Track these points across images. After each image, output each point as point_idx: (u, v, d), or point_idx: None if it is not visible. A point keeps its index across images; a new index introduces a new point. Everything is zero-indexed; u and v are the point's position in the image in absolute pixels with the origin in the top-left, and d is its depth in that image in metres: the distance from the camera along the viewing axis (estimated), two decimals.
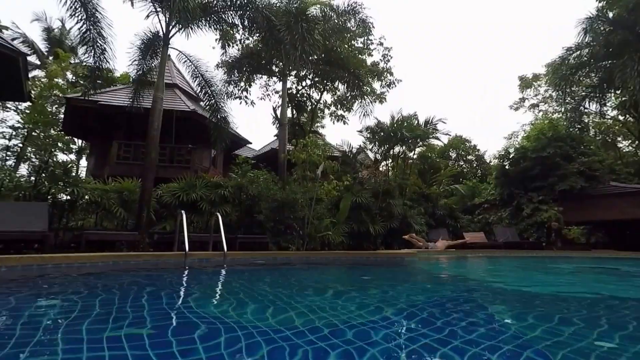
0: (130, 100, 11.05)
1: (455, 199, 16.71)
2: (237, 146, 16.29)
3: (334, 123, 18.59)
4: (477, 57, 68.74)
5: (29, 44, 18.46)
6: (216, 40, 14.18)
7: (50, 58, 18.36)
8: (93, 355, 1.47)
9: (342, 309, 2.55)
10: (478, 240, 11.77)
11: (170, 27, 9.65)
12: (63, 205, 7.46)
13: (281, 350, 1.51)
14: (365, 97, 14.39)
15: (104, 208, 7.69)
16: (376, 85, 17.20)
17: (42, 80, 16.27)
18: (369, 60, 17.16)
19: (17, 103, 15.64)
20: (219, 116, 11.19)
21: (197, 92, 12.35)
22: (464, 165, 28.85)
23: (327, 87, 17.13)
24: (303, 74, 16.32)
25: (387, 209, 10.36)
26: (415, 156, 13.94)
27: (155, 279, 3.99)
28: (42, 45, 19.60)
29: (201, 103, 15.91)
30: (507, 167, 15.41)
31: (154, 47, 10.57)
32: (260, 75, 16.16)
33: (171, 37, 9.72)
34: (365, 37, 16.37)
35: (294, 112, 17.33)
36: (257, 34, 13.10)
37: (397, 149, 12.90)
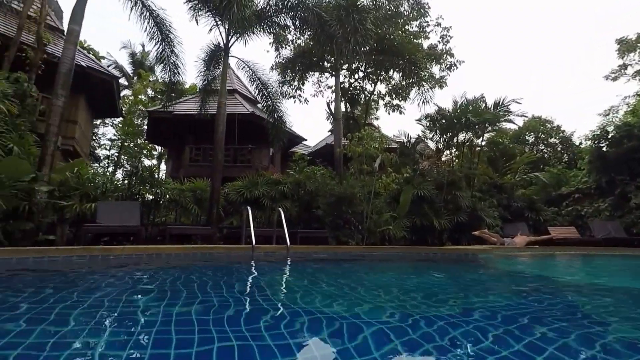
0: (198, 108, 12.31)
1: (536, 189, 14.88)
2: (293, 144, 16.94)
3: (389, 114, 18.09)
4: (557, 25, 59.84)
5: (119, 68, 21.73)
6: (270, 43, 14.91)
7: (135, 78, 21.38)
8: (184, 329, 1.73)
9: (415, 303, 2.55)
10: (568, 236, 10.32)
11: (230, 37, 10.47)
12: (150, 203, 8.68)
13: (348, 332, 1.60)
14: (423, 83, 13.71)
15: (181, 205, 8.74)
16: (435, 69, 16.25)
17: (130, 97, 19.05)
18: (426, 44, 16.28)
19: (112, 119, 18.63)
20: (275, 116, 11.80)
21: (255, 95, 13.19)
22: (545, 150, 25.44)
23: (381, 77, 16.73)
24: (355, 66, 16.21)
25: (453, 201, 9.75)
26: (483, 143, 12.80)
27: (229, 268, 4.43)
28: (129, 68, 22.92)
29: (259, 105, 16.92)
30: (604, 149, 13.19)
31: (216, 57, 11.60)
32: (313, 73, 16.52)
33: (230, 46, 10.54)
34: (421, 20, 15.56)
35: (348, 105, 17.33)
36: (309, 32, 13.42)
37: (461, 136, 12.01)
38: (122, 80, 21.90)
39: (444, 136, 11.75)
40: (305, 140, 17.05)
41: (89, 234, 6.35)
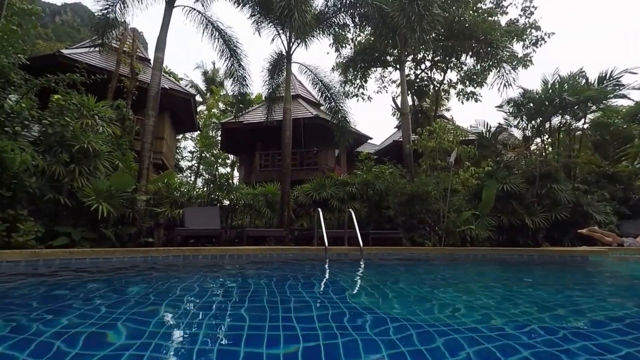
0: (265, 115, 13.11)
1: None
2: (359, 143, 16.88)
3: (462, 103, 16.82)
4: None
5: (194, 86, 24.49)
6: (330, 45, 15.16)
7: (208, 94, 23.82)
8: (274, 325, 1.83)
9: (521, 311, 2.30)
10: None
11: (291, 44, 10.95)
12: (227, 208, 9.51)
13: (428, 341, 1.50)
14: (503, 64, 12.39)
15: (255, 209, 9.37)
16: (517, 47, 14.60)
17: (204, 112, 21.28)
18: (504, 20, 14.76)
19: (191, 133, 21.02)
20: (339, 117, 11.91)
21: (318, 97, 13.52)
22: None
23: (451, 65, 15.67)
24: (421, 56, 15.49)
25: (549, 195, 8.54)
26: (585, 126, 11.00)
27: (304, 268, 4.57)
28: (202, 86, 25.68)
29: (322, 107, 17.31)
30: None
31: (279, 65, 12.24)
32: (375, 69, 16.26)
33: (292, 53, 11.02)
34: None
35: (415, 99, 16.62)
36: (369, 28, 13.27)
37: (555, 120, 10.51)
38: (198, 97, 24.64)
39: (533, 122, 10.42)
40: (371, 138, 16.85)
41: (179, 236, 7.21)
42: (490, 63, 13.07)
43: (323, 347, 1.36)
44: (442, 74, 15.93)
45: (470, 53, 13.72)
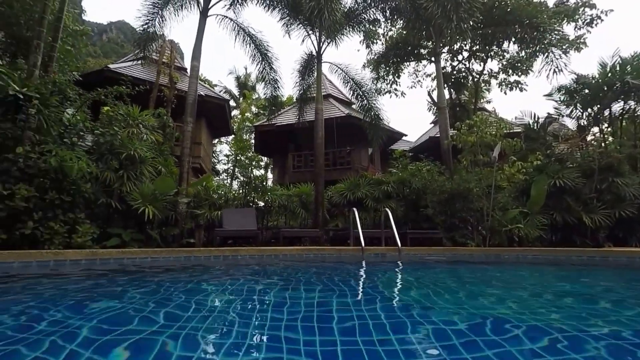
0: (297, 117, 13.31)
1: None
2: (393, 141, 16.57)
3: (505, 93, 15.86)
4: None
5: (227, 92, 25.50)
6: (360, 42, 15.04)
7: (241, 99, 24.68)
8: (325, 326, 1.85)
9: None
10: None
11: (321, 43, 11.04)
12: (262, 209, 9.78)
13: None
14: (552, 49, 11.52)
15: (289, 210, 9.54)
16: (567, 29, 13.53)
17: (238, 116, 22.06)
18: (551, 1, 13.75)
19: (226, 137, 21.91)
20: (372, 114, 11.79)
21: (349, 96, 13.47)
22: None
23: (491, 53, 14.86)
24: (458, 47, 14.88)
25: (610, 190, 7.79)
26: None
27: (342, 269, 4.57)
28: (235, 91, 26.66)
29: (353, 106, 17.23)
30: None
31: (309, 66, 12.38)
32: (408, 63, 15.88)
33: (322, 52, 11.09)
34: None
35: (452, 92, 15.99)
36: (401, 21, 12.99)
37: (616, 106, 9.58)
38: (231, 102, 25.63)
39: (589, 110, 9.60)
40: (405, 135, 16.47)
41: (218, 237, 7.54)
42: (537, 48, 12.20)
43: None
44: (482, 64, 15.14)
45: (513, 39, 12.92)
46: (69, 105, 7.03)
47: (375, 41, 15.42)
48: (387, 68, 15.31)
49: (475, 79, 15.29)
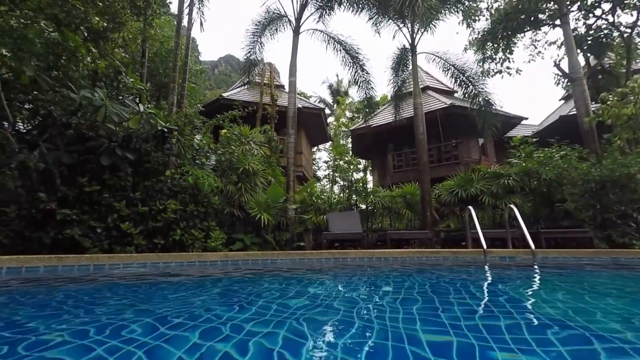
0: (393, 115, 12.99)
1: None
2: (509, 127, 14.57)
3: None
4: None
5: (322, 101, 26.79)
6: (459, 22, 13.74)
7: (335, 105, 25.57)
8: (463, 338, 1.73)
9: None
10: None
11: (415, 34, 10.58)
12: (366, 212, 9.81)
13: None
14: None
15: (393, 211, 9.32)
16: None
17: (333, 123, 22.87)
18: None
19: (324, 144, 22.98)
20: (479, 100, 10.65)
21: (451, 84, 12.45)
22: None
23: None
24: (591, 0, 12.18)
25: None
26: None
27: (465, 274, 4.20)
28: (329, 98, 27.81)
29: (456, 95, 15.86)
30: None
31: (403, 60, 12.00)
32: (522, 34, 13.73)
33: (417, 44, 10.62)
34: None
35: (589, 57, 13.12)
36: None
37: None
38: (327, 110, 26.80)
39: None
40: (525, 119, 14.27)
41: (325, 240, 7.88)
42: None
43: None
44: (634, 12, 11.91)
45: None
46: (197, 132, 8.50)
47: (477, 18, 13.87)
48: (495, 45, 13.53)
49: (626, 35, 12.09)
